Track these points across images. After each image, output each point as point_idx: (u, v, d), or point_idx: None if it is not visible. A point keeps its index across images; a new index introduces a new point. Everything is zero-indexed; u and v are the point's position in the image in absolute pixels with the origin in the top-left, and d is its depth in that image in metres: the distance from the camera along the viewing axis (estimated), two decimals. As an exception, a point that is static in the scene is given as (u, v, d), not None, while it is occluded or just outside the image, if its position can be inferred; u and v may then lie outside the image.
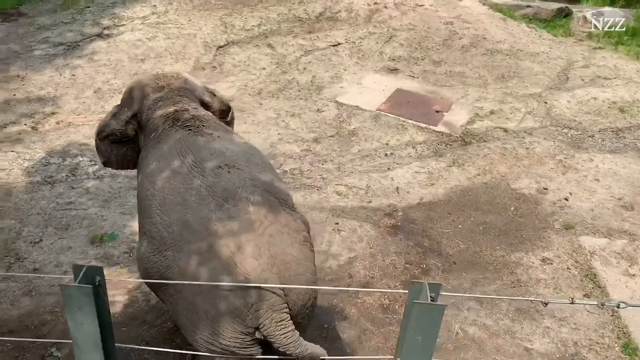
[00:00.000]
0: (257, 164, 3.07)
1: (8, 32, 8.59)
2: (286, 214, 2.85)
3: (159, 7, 9.66)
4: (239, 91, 7.34)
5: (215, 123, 3.40)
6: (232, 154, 3.02)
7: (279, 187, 3.01)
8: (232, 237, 2.64)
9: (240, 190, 2.78)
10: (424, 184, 5.80)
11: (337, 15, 9.69)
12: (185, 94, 3.52)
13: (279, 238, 2.72)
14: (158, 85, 3.51)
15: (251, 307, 2.58)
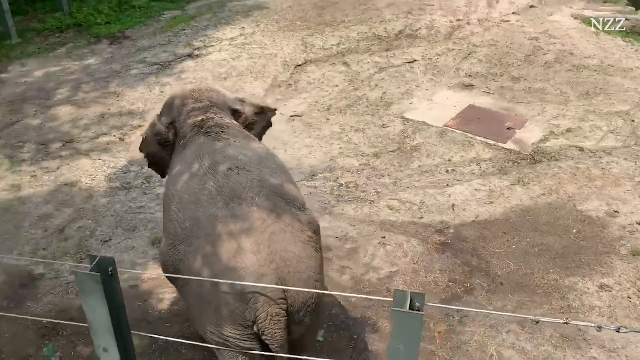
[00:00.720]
0: (269, 167, 3.21)
1: (113, 53, 9.53)
2: (291, 214, 2.96)
3: (247, 28, 10.23)
4: (309, 107, 7.57)
5: (236, 130, 3.60)
6: (245, 157, 3.20)
7: (287, 189, 3.13)
8: (235, 234, 2.80)
9: (247, 191, 2.94)
10: (483, 202, 5.61)
11: (416, 32, 9.68)
12: (215, 105, 3.77)
13: (281, 236, 2.83)
14: (193, 97, 3.79)
15: (249, 300, 2.71)
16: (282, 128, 7.07)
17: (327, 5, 11.19)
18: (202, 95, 3.82)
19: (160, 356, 4.09)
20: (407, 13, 10.43)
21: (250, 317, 2.73)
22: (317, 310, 2.99)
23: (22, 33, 10.41)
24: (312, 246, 2.97)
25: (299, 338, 2.98)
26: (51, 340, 4.22)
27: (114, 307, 2.77)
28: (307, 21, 10.49)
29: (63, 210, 5.72)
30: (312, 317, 2.96)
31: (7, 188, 6.06)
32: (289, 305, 2.78)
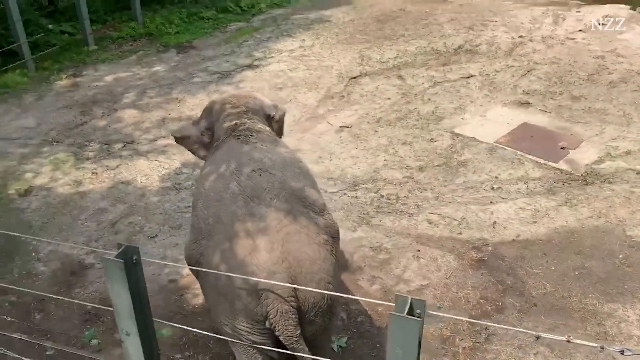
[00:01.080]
0: (292, 171, 3.32)
1: (179, 62, 10.02)
2: (308, 217, 3.05)
3: (307, 41, 10.47)
4: (359, 119, 7.64)
5: (265, 135, 3.74)
6: (269, 161, 3.33)
7: (307, 193, 3.23)
8: (251, 232, 2.92)
9: (266, 192, 3.07)
10: (526, 221, 5.47)
11: (476, 48, 9.56)
12: (250, 110, 3.93)
13: (296, 237, 2.93)
14: (231, 103, 3.97)
15: (260, 295, 2.81)
16: (330, 138, 7.19)
17: (388, 20, 11.27)
18: (240, 101, 4.00)
19: (189, 349, 4.27)
20: (469, 29, 10.33)
21: (262, 313, 2.83)
22: (329, 312, 3.05)
23: (99, 40, 11.13)
24: (327, 249, 3.04)
25: (311, 339, 3.04)
26: (92, 325, 4.50)
27: (136, 294, 2.95)
28: (367, 35, 10.61)
29: (117, 206, 6.08)
30: (324, 318, 3.02)
31: (69, 183, 6.50)
32: (300, 304, 2.86)
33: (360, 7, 12.22)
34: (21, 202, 6.16)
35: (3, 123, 8.08)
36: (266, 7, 12.76)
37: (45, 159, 7.04)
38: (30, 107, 8.57)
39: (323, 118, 7.76)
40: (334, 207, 5.79)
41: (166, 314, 4.57)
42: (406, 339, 2.44)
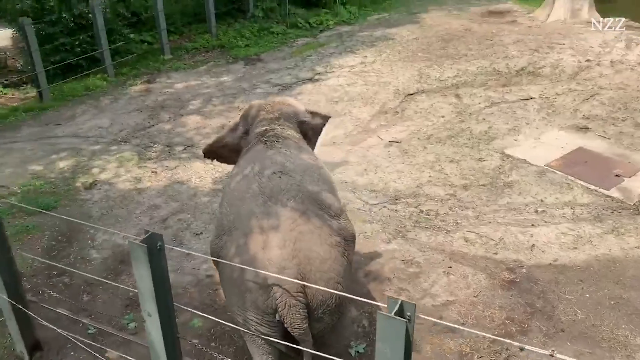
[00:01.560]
0: (311, 176, 3.49)
1: (245, 73, 10.49)
2: (322, 219, 3.21)
3: (369, 57, 10.66)
4: (410, 135, 7.71)
5: (292, 142, 3.92)
6: (291, 165, 3.51)
7: (324, 197, 3.38)
8: (265, 229, 3.12)
9: (284, 193, 3.25)
10: (566, 247, 5.34)
11: (539, 70, 9.39)
12: (283, 116, 4.14)
13: (308, 236, 3.09)
14: (266, 109, 4.20)
15: (270, 289, 2.99)
16: (378, 152, 7.30)
17: (452, 39, 11.27)
18: (274, 107, 4.22)
19: (216, 340, 4.50)
20: (534, 51, 10.15)
21: (271, 306, 3.00)
22: (337, 311, 3.17)
23: (175, 50, 11.86)
24: (338, 251, 3.17)
25: (319, 336, 3.18)
26: (132, 311, 4.83)
27: (159, 278, 3.21)
28: (429, 53, 10.66)
29: (170, 204, 6.47)
30: (332, 317, 3.15)
31: (130, 179, 6.99)
32: (309, 300, 3.01)
33: (427, 26, 12.29)
34: (85, 194, 6.69)
35: (80, 122, 8.80)
36: (334, 24, 13.11)
37: (112, 156, 7.60)
38: (105, 108, 9.27)
39: (374, 132, 7.89)
40: (372, 218, 5.90)
41: (200, 305, 4.84)
42: (393, 339, 2.53)
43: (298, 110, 4.33)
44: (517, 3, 13.92)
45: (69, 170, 7.24)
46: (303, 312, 2.99)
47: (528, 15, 12.70)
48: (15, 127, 8.75)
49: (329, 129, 7.98)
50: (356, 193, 6.40)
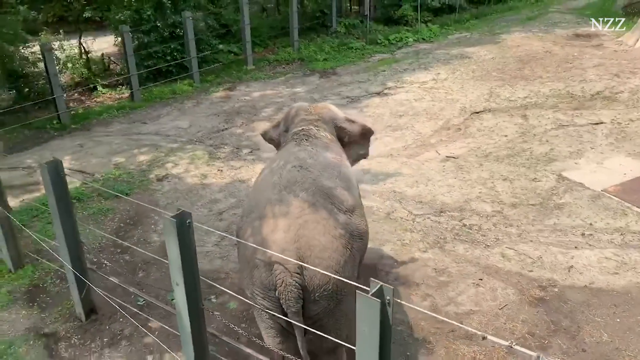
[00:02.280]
0: (330, 173, 3.77)
1: (318, 85, 10.96)
2: (330, 212, 3.48)
3: (442, 74, 10.76)
4: (469, 151, 7.76)
5: (322, 142, 4.21)
6: (311, 161, 3.82)
7: (337, 193, 3.65)
8: (276, 215, 3.45)
9: (298, 185, 3.57)
10: (607, 271, 5.22)
11: (616, 95, 9.07)
12: (321, 119, 4.45)
13: (312, 225, 3.38)
14: (307, 111, 4.54)
15: (272, 266, 3.31)
16: (433, 166, 7.43)
17: (531, 60, 11.11)
18: (315, 110, 4.55)
19: (247, 322, 4.87)
20: (614, 75, 9.81)
21: (272, 282, 3.31)
22: (334, 297, 3.40)
23: (258, 61, 12.59)
24: (341, 242, 3.42)
25: (317, 319, 3.44)
26: (178, 289, 5.33)
27: (186, 251, 3.64)
28: (504, 73, 10.59)
29: (229, 199, 6.98)
30: (328, 302, 3.40)
31: (198, 175, 7.61)
32: (306, 282, 3.29)
33: (506, 47, 12.19)
34: (157, 185, 7.37)
35: (163, 122, 9.63)
36: (413, 41, 13.31)
37: (186, 154, 8.29)
38: (187, 111, 10.07)
39: (433, 147, 8.02)
40: (414, 228, 6.06)
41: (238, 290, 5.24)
42: (370, 319, 2.77)
43: (336, 116, 4.63)
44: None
45: (147, 164, 7.99)
46: (297, 292, 3.26)
47: (616, 40, 12.22)
48: (107, 122, 9.74)
49: (389, 141, 8.24)
50: (403, 203, 6.57)
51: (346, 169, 4.07)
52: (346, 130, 4.64)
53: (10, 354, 4.55)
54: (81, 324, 4.90)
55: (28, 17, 11.25)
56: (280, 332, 3.58)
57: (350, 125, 4.67)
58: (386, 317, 2.79)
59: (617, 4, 14.89)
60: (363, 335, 2.84)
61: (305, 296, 3.34)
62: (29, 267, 5.65)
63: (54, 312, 5.06)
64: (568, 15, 14.92)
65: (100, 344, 4.68)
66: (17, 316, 5.00)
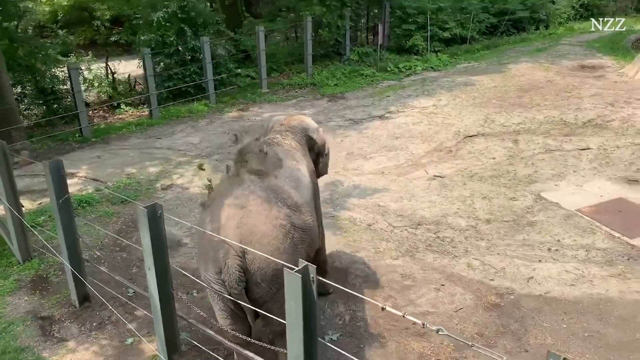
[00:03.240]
0: (283, 174, 4.26)
1: (325, 107, 11.53)
2: (274, 205, 3.95)
3: (443, 101, 11.21)
4: (456, 172, 8.14)
5: (283, 149, 4.68)
6: (269, 165, 4.31)
7: (285, 190, 4.12)
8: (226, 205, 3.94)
9: (251, 182, 4.07)
10: (564, 283, 5.52)
11: (607, 123, 9.36)
12: (290, 129, 4.93)
13: (255, 214, 3.86)
14: (281, 122, 5.05)
15: (217, 251, 3.79)
16: (419, 184, 7.84)
17: (531, 89, 11.47)
18: (287, 122, 5.05)
19: (222, 314, 5.32)
20: (609, 104, 10.09)
21: (218, 264, 3.78)
22: (274, 280, 3.82)
23: (272, 85, 13.28)
24: (281, 232, 3.87)
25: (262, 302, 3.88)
26: (166, 284, 5.84)
27: (157, 239, 4.16)
28: (503, 101, 10.97)
29: (224, 208, 7.50)
30: (269, 285, 3.83)
31: (200, 186, 8.18)
32: (248, 265, 3.75)
33: (510, 76, 12.58)
34: (161, 193, 7.97)
35: (176, 138, 10.31)
36: (422, 69, 13.82)
37: (192, 166, 8.90)
38: (200, 129, 10.74)
39: (423, 166, 8.43)
40: (390, 238, 6.46)
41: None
42: (295, 293, 3.22)
43: (308, 127, 5.10)
44: (614, 59, 13.66)
45: (155, 174, 8.63)
46: (239, 274, 3.72)
47: (618, 71, 12.47)
48: (125, 137, 10.48)
49: (382, 160, 8.71)
50: (384, 216, 6.99)
51: (298, 172, 4.53)
52: (315, 141, 5.13)
53: (9, 332, 5.12)
54: (75, 309, 5.45)
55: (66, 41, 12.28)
56: (231, 314, 4.03)
57: (317, 136, 5.16)
58: (310, 293, 3.24)
59: (628, 38, 15.13)
60: (290, 310, 3.29)
61: (247, 278, 3.80)
62: (36, 260, 6.26)
63: (53, 299, 5.62)
64: (578, 47, 15.23)
65: (89, 327, 5.21)
66: (20, 301, 5.59)
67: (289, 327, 3.34)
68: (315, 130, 5.18)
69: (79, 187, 8.18)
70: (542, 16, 17.64)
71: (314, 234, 4.31)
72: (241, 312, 3.98)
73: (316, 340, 3.39)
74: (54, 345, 4.97)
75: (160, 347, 4.69)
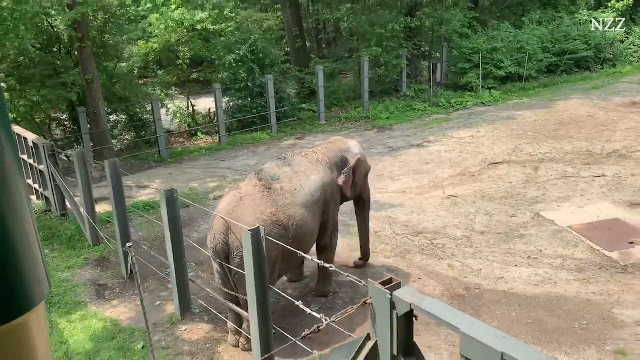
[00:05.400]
0: (292, 182, 5.40)
1: (370, 137, 12.67)
2: (263, 203, 5.14)
3: (481, 132, 11.95)
4: (470, 192, 8.92)
5: (306, 161, 5.76)
6: (282, 172, 5.49)
7: (284, 194, 5.27)
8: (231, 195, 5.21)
9: (258, 178, 5.30)
10: (529, 283, 6.19)
11: (631, 153, 9.68)
12: (329, 147, 6.05)
13: (245, 207, 5.08)
14: (330, 141, 6.24)
15: (212, 227, 5.05)
16: (433, 202, 8.71)
17: (570, 123, 11.91)
18: (334, 140, 6.22)
19: (233, 290, 6.54)
20: (639, 137, 10.36)
21: (211, 236, 5.04)
22: None
23: (330, 118, 14.65)
24: (261, 223, 5.01)
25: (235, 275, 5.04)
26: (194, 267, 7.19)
27: (172, 216, 5.52)
28: (539, 133, 11.52)
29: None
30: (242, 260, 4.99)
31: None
32: (230, 244, 4.96)
33: (554, 111, 13.04)
34: (212, 202, 9.45)
35: (237, 160, 11.89)
36: (472, 104, 14.59)
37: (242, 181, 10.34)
38: (258, 153, 12.27)
39: (442, 188, 9.28)
40: (389, 242, 7.41)
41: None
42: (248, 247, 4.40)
43: (346, 149, 6.15)
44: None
45: (212, 188, 10.17)
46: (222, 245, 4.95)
47: (666, 107, 12.53)
48: (195, 159, 12.23)
49: (407, 181, 9.67)
50: (391, 225, 7.95)
51: (306, 180, 5.61)
52: (347, 160, 6.13)
53: (73, 291, 6.68)
54: (123, 280, 6.92)
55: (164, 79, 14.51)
56: (220, 275, 5.24)
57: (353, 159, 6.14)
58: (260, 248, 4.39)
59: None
60: (247, 260, 4.47)
61: (228, 250, 5.02)
62: (102, 245, 7.88)
63: (109, 272, 7.15)
64: (636, 85, 15.26)
65: (130, 293, 6.64)
66: (85, 272, 7.18)
67: (247, 274, 4.50)
68: (352, 154, 6.20)
69: (150, 195, 9.89)
70: (607, 55, 17.74)
71: (299, 231, 5.35)
72: (227, 274, 5.19)
73: (267, 284, 4.53)
74: (102, 303, 6.45)
75: (175, 306, 6.00)
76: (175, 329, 5.80)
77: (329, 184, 5.87)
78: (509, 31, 16.69)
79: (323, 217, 5.83)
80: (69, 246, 7.89)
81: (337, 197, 6.07)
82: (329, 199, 5.90)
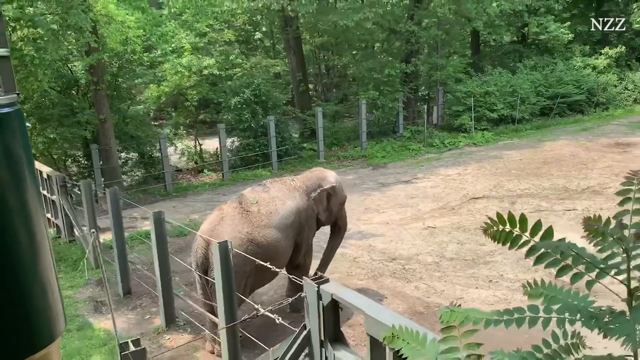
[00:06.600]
0: (268, 206, 6.14)
1: (365, 174, 13.40)
2: (241, 224, 5.85)
3: (468, 169, 12.61)
4: (448, 224, 9.53)
5: (285, 188, 6.52)
6: (260, 196, 6.23)
7: (260, 215, 6.00)
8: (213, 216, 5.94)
9: (240, 202, 6.04)
10: (485, 302, 6.75)
11: (604, 190, 10.24)
12: (307, 177, 6.80)
13: (225, 226, 5.80)
14: (311, 170, 7.01)
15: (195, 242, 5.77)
16: (412, 232, 9.33)
17: (552, 162, 12.52)
18: (313, 171, 6.98)
19: (216, 307, 7.18)
20: (615, 175, 10.93)
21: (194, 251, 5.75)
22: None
23: (329, 157, 15.46)
24: (238, 242, 5.68)
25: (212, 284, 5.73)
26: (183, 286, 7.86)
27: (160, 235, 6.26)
28: (522, 171, 12.15)
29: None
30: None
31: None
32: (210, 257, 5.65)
33: (541, 151, 13.68)
34: (208, 231, 10.17)
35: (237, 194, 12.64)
36: (464, 144, 15.30)
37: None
38: (258, 188, 13.03)
39: (423, 220, 9.91)
40: (365, 267, 8.02)
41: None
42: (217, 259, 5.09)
43: (323, 179, 6.86)
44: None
45: (209, 219, 10.91)
46: (202, 259, 5.64)
47: (646, 147, 13.07)
48: (198, 193, 13.05)
49: (391, 214, 10.32)
50: (370, 252, 8.57)
51: (281, 205, 6.33)
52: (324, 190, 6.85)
53: (74, 306, 7.39)
54: (120, 298, 7.62)
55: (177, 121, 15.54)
56: (201, 286, 5.92)
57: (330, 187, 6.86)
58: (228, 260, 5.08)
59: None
60: (217, 272, 5.15)
61: (207, 264, 5.72)
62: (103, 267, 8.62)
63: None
64: (624, 127, 15.85)
65: (125, 309, 7.33)
66: (86, 290, 7.90)
67: (216, 280, 5.18)
68: (329, 183, 6.93)
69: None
70: (600, 99, 18.41)
71: (272, 250, 6.03)
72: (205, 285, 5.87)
73: (234, 289, 5.20)
74: (98, 317, 7.14)
75: (161, 318, 6.67)
76: (159, 338, 6.45)
77: (304, 209, 6.55)
78: (503, 76, 17.53)
79: (298, 239, 6.49)
80: (74, 268, 8.65)
81: (312, 222, 6.75)
82: (303, 223, 6.55)
